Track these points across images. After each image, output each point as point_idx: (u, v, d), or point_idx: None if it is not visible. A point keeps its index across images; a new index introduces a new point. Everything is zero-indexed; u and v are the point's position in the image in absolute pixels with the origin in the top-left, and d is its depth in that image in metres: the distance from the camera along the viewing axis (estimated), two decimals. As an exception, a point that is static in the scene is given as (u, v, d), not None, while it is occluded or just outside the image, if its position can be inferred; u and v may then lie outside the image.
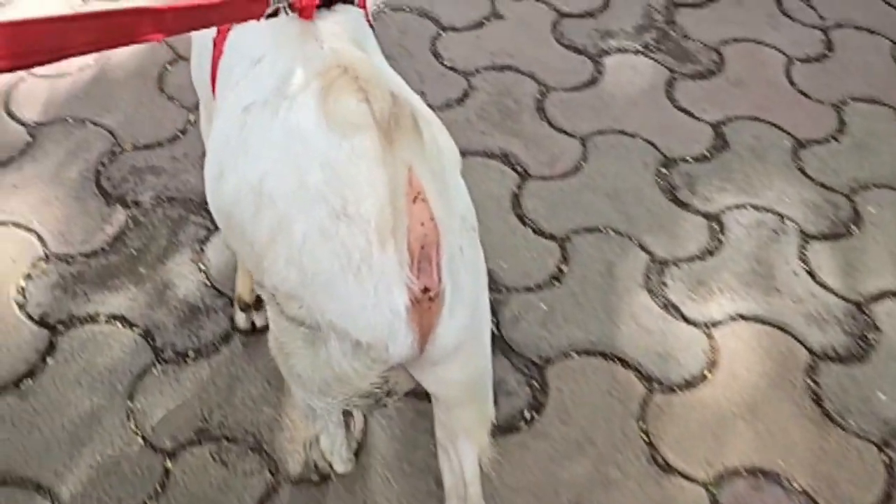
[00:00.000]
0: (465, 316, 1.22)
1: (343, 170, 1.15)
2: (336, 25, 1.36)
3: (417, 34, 2.87)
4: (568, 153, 2.54)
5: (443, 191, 1.16)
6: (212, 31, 1.50)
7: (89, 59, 2.65)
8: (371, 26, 1.52)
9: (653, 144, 2.58)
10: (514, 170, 2.48)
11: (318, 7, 1.36)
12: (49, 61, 1.03)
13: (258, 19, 1.30)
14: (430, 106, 2.53)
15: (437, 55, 2.81)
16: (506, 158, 2.51)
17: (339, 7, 1.41)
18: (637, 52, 2.90)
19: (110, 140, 2.45)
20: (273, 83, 1.29)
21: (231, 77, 1.43)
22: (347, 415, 1.71)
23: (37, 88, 2.56)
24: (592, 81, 2.78)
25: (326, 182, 1.15)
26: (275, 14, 1.31)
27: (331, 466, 1.74)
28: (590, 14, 3.02)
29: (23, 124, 2.47)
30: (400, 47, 2.81)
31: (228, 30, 1.47)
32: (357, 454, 1.86)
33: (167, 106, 2.57)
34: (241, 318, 2.06)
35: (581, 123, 2.63)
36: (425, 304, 1.16)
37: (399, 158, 1.11)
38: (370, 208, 1.13)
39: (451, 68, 2.77)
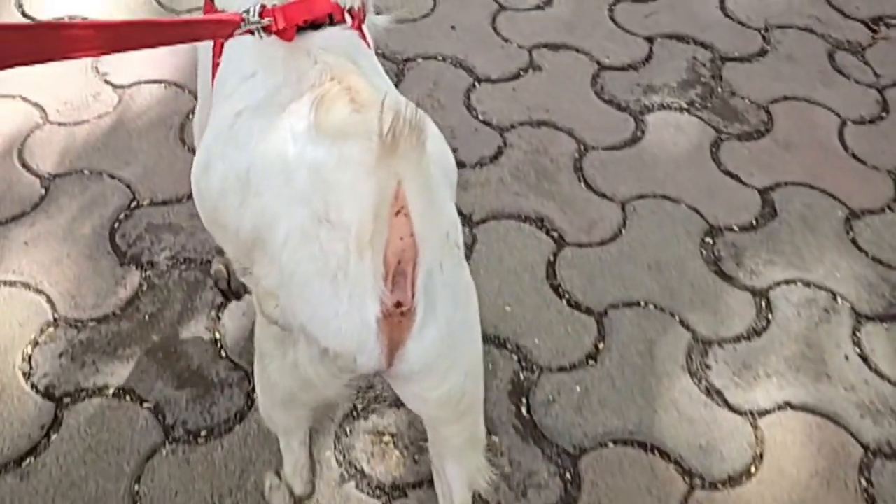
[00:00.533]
0: (438, 333, 1.22)
1: (329, 175, 1.18)
2: (326, 42, 1.41)
3: (451, 85, 2.79)
4: (607, 218, 2.44)
5: (428, 207, 1.15)
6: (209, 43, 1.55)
7: (108, 107, 2.59)
8: (369, 45, 1.57)
9: (697, 211, 2.48)
10: (550, 235, 2.39)
11: (304, 29, 1.41)
12: (12, 65, 1.02)
13: (225, 39, 1.39)
14: (462, 163, 2.47)
15: (470, 108, 2.73)
16: (541, 223, 2.42)
17: (328, 28, 1.44)
18: (681, 109, 2.80)
19: (127, 194, 2.38)
20: (265, 94, 1.34)
21: (224, 89, 1.47)
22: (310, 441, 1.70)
23: (54, 136, 2.50)
24: (634, 140, 2.68)
25: (312, 184, 1.18)
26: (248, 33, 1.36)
27: (291, 494, 1.70)
28: (632, 67, 2.93)
29: (37, 176, 2.40)
30: (432, 99, 2.73)
31: (224, 42, 1.50)
32: None
33: (188, 158, 2.49)
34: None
35: (621, 186, 2.53)
36: (396, 318, 1.17)
37: (393, 170, 1.10)
38: (352, 216, 1.14)
39: (486, 122, 2.68)
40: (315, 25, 1.44)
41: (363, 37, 1.57)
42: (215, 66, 1.54)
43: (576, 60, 2.94)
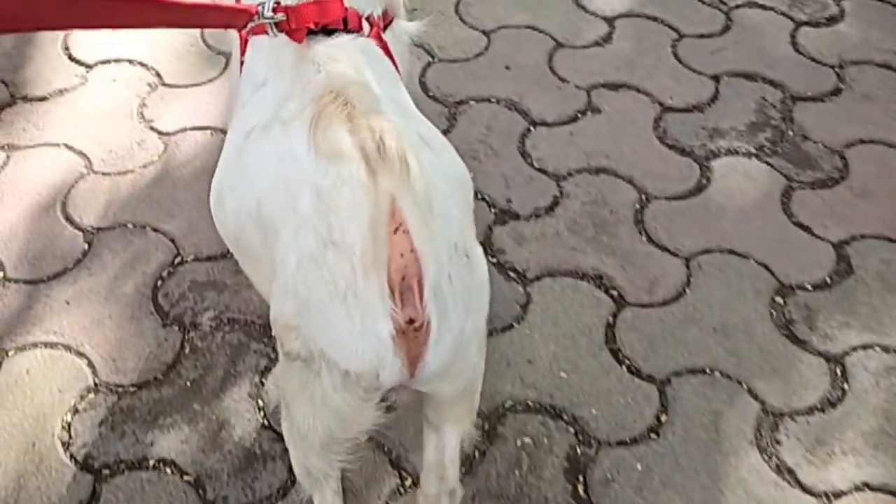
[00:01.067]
0: (454, 341, 1.27)
1: (328, 196, 1.20)
2: (334, 49, 1.43)
3: (505, 129, 2.72)
4: (669, 275, 2.34)
5: (427, 221, 1.19)
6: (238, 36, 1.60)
7: (154, 155, 2.56)
8: (391, 54, 1.59)
9: (766, 267, 2.37)
10: (609, 294, 2.29)
11: (316, 33, 1.44)
12: (13, 30, 1.06)
13: (239, 30, 1.42)
14: (516, 215, 2.39)
15: (525, 154, 2.65)
16: (599, 280, 2.33)
17: (341, 35, 1.47)
18: (749, 154, 2.69)
19: (171, 250, 2.34)
20: (273, 108, 1.39)
21: (241, 96, 1.55)
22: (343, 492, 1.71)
23: (98, 187, 2.47)
24: (698, 189, 2.58)
25: (314, 208, 1.22)
26: (263, 31, 1.43)
27: None
28: (697, 108, 2.83)
29: (80, 229, 2.38)
30: (484, 145, 2.66)
31: (247, 38, 1.55)
32: None
33: (233, 211, 2.45)
34: None
35: (685, 240, 2.43)
36: (411, 334, 1.21)
37: (382, 189, 1.15)
38: (354, 236, 1.18)
39: (541, 170, 2.60)
40: (329, 31, 1.47)
41: (383, 45, 1.59)
42: (241, 62, 1.60)
43: (637, 101, 2.84)
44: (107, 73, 2.80)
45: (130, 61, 2.85)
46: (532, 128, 2.75)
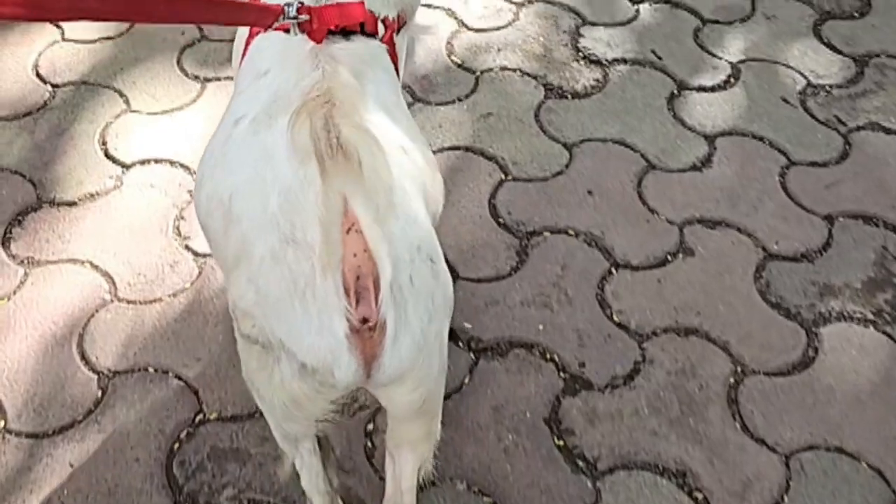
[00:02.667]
0: (413, 345, 1.31)
1: (295, 196, 1.27)
2: (342, 51, 1.50)
3: (582, 271, 2.45)
4: (765, 477, 2.06)
5: (384, 221, 1.23)
6: (246, 30, 1.68)
7: (186, 280, 2.35)
8: (399, 57, 1.70)
9: (881, 475, 2.06)
10: (693, 497, 2.02)
11: (334, 34, 1.51)
12: (64, 19, 1.16)
13: (265, 29, 1.49)
14: (589, 384, 2.12)
15: (604, 304, 2.38)
16: (682, 478, 2.05)
17: (357, 38, 1.56)
18: (866, 321, 2.38)
19: (193, 404, 2.13)
20: (266, 99, 1.45)
21: (240, 84, 1.61)
22: (326, 447, 1.75)
23: (120, 319, 2.28)
24: (804, 363, 2.28)
25: (280, 207, 1.28)
26: (286, 30, 1.48)
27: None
28: (806, 257, 2.53)
29: (96, 372, 2.18)
30: (558, 289, 2.39)
31: (257, 32, 1.61)
32: None
33: (267, 360, 2.22)
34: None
35: (785, 430, 2.14)
36: (366, 333, 1.26)
37: (333, 188, 1.20)
38: (315, 236, 1.24)
39: (622, 326, 2.33)
40: (346, 33, 1.56)
41: (392, 49, 1.67)
42: (244, 56, 1.66)
43: (737, 244, 2.55)
44: (144, 176, 2.61)
45: (171, 162, 2.66)
46: (614, 270, 2.48)
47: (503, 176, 2.72)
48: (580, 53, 3.15)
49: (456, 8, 3.28)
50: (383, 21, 1.67)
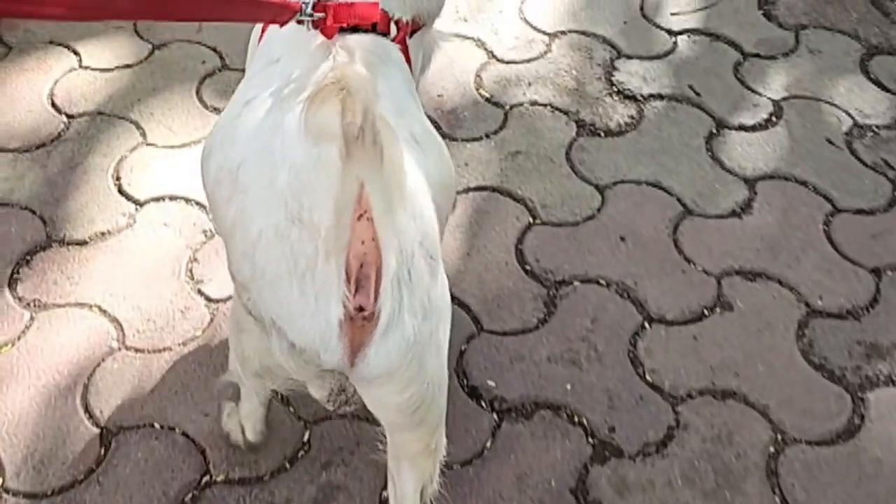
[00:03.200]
0: (403, 341, 1.30)
1: (306, 176, 1.27)
2: (355, 45, 1.51)
3: (614, 325, 2.33)
4: (807, 559, 1.91)
5: (395, 213, 1.22)
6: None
7: (197, 328, 2.26)
8: (410, 59, 1.68)
9: (933, 560, 1.91)
10: (728, 579, 1.88)
11: (344, 31, 1.52)
12: (96, 18, 1.27)
13: (281, 25, 1.48)
14: (620, 451, 1.99)
15: (636, 362, 2.26)
16: (717, 559, 1.91)
17: (368, 36, 1.57)
18: (916, 387, 2.23)
19: (200, 464, 2.06)
20: (277, 84, 1.46)
21: (252, 69, 1.63)
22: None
23: (127, 369, 2.20)
24: (850, 432, 2.16)
25: (289, 185, 1.28)
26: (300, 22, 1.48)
27: (243, 433, 1.96)
28: (852, 314, 2.40)
29: (99, 427, 2.11)
30: (587, 345, 2.27)
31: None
32: None
33: (287, 421, 2.13)
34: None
35: (829, 507, 2.00)
36: (359, 321, 1.26)
37: (352, 173, 1.18)
38: (323, 218, 1.23)
39: (655, 387, 2.21)
40: (356, 30, 1.56)
41: (405, 50, 1.67)
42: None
43: (778, 298, 2.43)
44: (158, 214, 2.52)
45: (187, 199, 2.57)
46: (647, 325, 2.36)
47: (531, 219, 2.61)
48: (614, 88, 3.03)
49: (486, 38, 3.17)
50: (396, 22, 1.68)
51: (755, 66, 3.14)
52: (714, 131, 2.90)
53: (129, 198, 2.59)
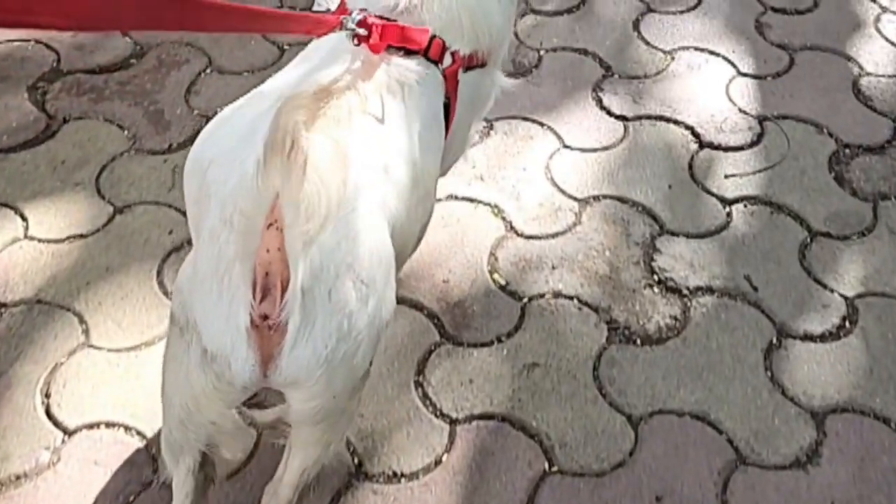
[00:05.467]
0: (313, 356, 1.34)
1: (246, 181, 1.30)
2: (393, 62, 1.60)
3: None
4: None
5: (307, 228, 1.24)
6: None
7: None
8: (451, 91, 1.73)
9: None
10: None
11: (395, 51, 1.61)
12: (104, 28, 1.43)
13: (318, 36, 1.63)
14: None
15: None
16: None
17: (413, 59, 1.63)
18: None
19: None
20: (293, 81, 1.56)
21: (288, 65, 1.72)
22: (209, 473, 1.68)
23: None
24: None
25: (234, 188, 1.35)
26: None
27: None
28: None
29: None
30: None
31: None
32: None
33: None
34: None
35: None
36: (265, 331, 1.30)
37: (269, 183, 1.23)
38: (240, 223, 1.29)
39: None
40: (408, 52, 1.64)
41: (454, 84, 1.72)
42: None
43: None
44: (88, 448, 2.11)
45: (126, 428, 2.16)
46: None
47: (546, 466, 2.16)
48: (654, 276, 2.58)
49: (505, 204, 2.73)
50: (452, 53, 1.72)
51: (825, 250, 2.68)
52: (774, 341, 2.44)
53: (56, 423, 2.17)
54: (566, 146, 2.94)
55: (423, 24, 1.67)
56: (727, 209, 2.79)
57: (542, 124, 3.01)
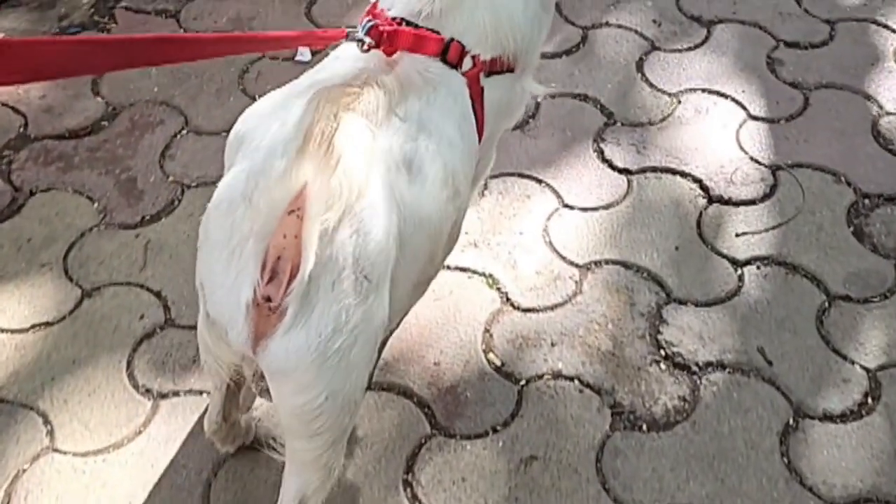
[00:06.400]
0: (303, 345, 1.38)
1: (270, 161, 1.39)
2: (407, 62, 1.67)
3: None
4: None
5: (327, 221, 1.32)
6: None
7: None
8: (475, 95, 1.77)
9: None
10: None
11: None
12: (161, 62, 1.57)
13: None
14: None
15: None
16: None
17: (430, 60, 1.71)
18: None
19: None
20: (322, 77, 1.63)
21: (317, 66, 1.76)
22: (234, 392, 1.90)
23: None
24: None
25: (257, 165, 1.42)
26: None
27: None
28: None
29: None
30: None
31: None
32: None
33: None
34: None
35: None
36: (265, 310, 1.37)
37: (300, 172, 1.30)
38: (262, 203, 1.35)
39: None
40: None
41: (477, 88, 1.77)
42: None
43: None
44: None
45: None
46: None
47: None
48: (661, 351, 2.45)
49: (501, 273, 2.62)
50: (473, 57, 1.75)
51: (844, 316, 2.54)
52: (791, 422, 2.31)
53: None
54: (566, 205, 2.82)
55: (443, 29, 1.73)
56: (738, 271, 2.66)
57: (540, 181, 2.89)
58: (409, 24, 1.72)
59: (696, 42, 3.41)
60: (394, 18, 1.72)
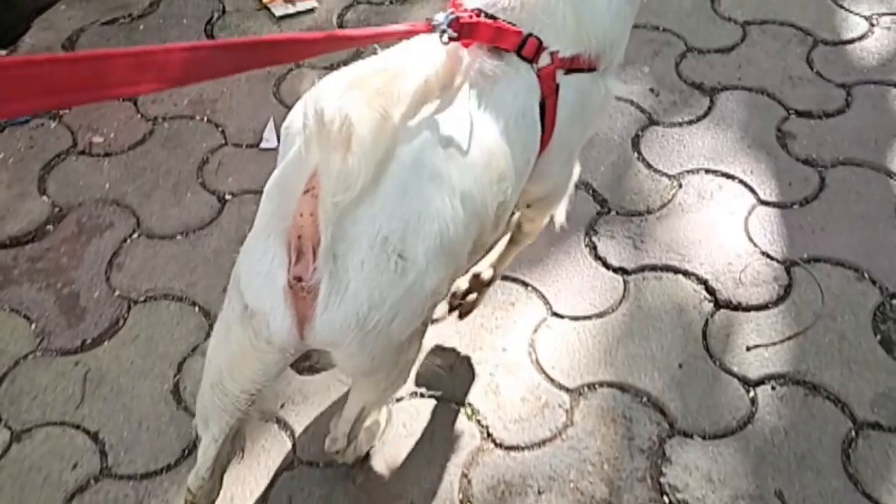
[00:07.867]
0: (344, 320, 1.38)
1: (309, 147, 1.33)
2: (479, 55, 1.61)
3: None
4: None
5: (350, 200, 1.30)
6: None
7: None
8: (548, 93, 1.68)
9: None
10: None
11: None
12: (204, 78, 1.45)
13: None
14: None
15: None
16: None
17: (504, 55, 1.64)
18: None
19: None
20: (373, 66, 1.51)
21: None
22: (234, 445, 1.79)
23: None
24: None
25: (294, 153, 1.38)
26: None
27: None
28: None
29: None
30: None
31: None
32: None
33: None
34: None
35: None
36: (299, 292, 1.36)
37: (312, 153, 1.31)
38: (287, 187, 1.37)
39: None
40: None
41: (551, 86, 1.67)
42: None
43: None
44: None
45: None
46: None
47: None
48: (665, 498, 2.15)
49: (480, 402, 2.28)
50: (551, 53, 1.67)
51: (875, 449, 2.20)
52: (814, 586, 1.93)
53: None
54: (554, 313, 2.47)
55: (520, 22, 1.65)
56: (751, 393, 2.30)
57: (525, 284, 2.54)
58: (488, 16, 1.65)
59: (698, 114, 3.05)
60: (473, 10, 1.64)
